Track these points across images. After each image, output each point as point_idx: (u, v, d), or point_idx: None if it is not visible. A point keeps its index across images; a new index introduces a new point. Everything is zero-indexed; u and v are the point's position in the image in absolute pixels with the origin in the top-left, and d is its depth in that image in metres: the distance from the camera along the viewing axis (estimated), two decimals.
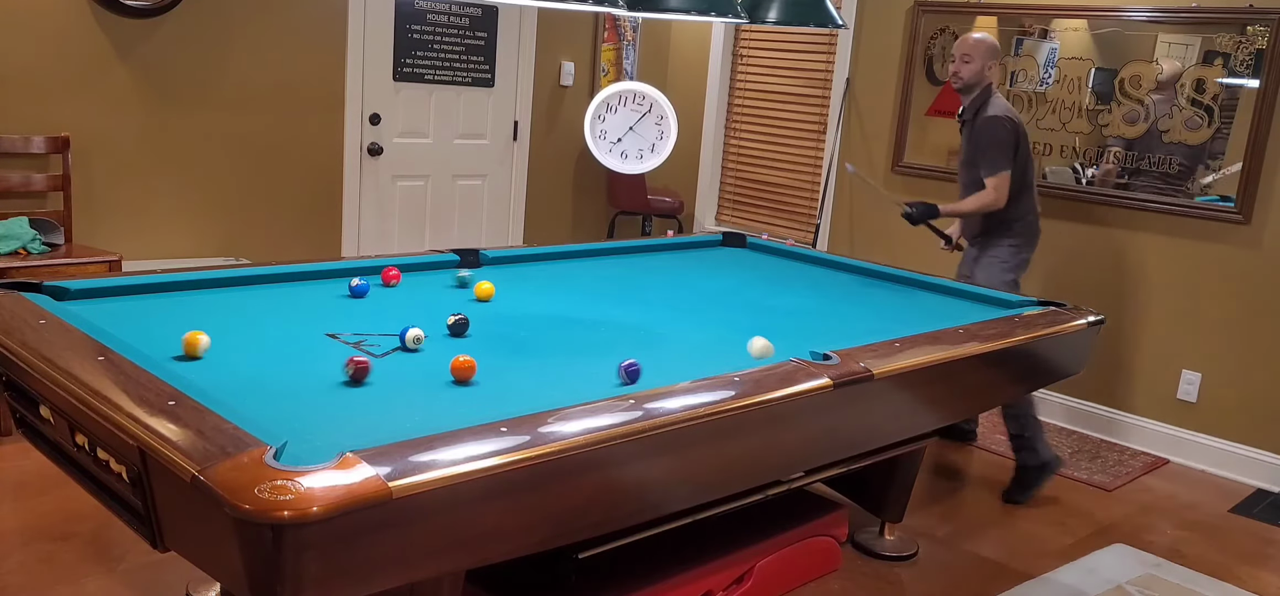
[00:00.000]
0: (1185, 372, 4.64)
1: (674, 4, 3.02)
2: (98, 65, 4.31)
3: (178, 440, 1.66)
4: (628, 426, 1.96)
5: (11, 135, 4.12)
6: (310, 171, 5.07)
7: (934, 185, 5.34)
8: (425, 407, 2.02)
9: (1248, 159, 4.38)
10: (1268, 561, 3.72)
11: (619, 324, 2.86)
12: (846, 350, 2.55)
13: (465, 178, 5.75)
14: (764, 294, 3.41)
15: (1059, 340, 3.17)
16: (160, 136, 4.54)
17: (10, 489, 3.38)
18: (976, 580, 3.38)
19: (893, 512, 3.49)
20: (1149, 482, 4.39)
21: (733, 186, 6.46)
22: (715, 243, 4.27)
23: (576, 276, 3.44)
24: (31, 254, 3.91)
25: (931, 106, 5.33)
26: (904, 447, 3.21)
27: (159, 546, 1.78)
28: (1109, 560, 3.58)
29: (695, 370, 2.34)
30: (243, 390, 2.01)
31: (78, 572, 2.91)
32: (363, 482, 1.57)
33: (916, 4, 5.30)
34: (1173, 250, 4.63)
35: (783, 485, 2.86)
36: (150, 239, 4.57)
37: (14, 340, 2.12)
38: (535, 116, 5.93)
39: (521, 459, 1.78)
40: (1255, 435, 4.47)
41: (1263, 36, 4.33)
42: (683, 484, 2.24)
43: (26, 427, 2.21)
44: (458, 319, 2.59)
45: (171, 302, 2.63)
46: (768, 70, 6.18)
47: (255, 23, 4.72)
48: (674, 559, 2.78)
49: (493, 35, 5.66)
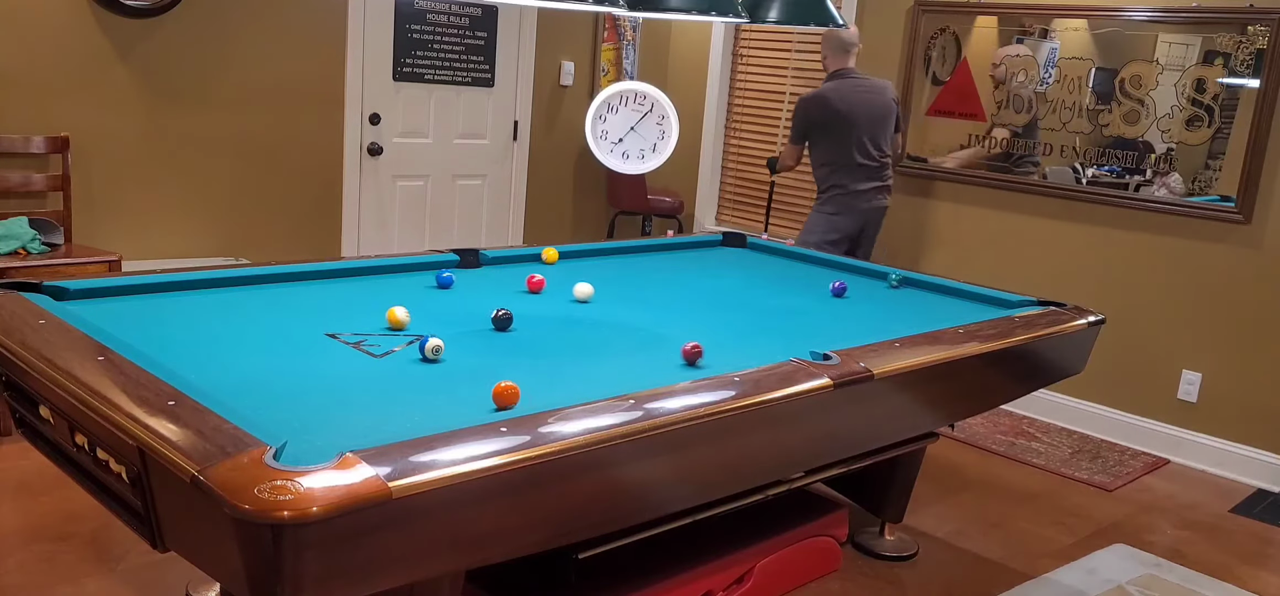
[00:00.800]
0: (1185, 372, 4.64)
1: (674, 4, 3.02)
2: (98, 65, 4.31)
3: (178, 440, 1.66)
4: (628, 426, 1.96)
5: (11, 135, 4.12)
6: (310, 171, 5.07)
7: (934, 184, 5.34)
8: (425, 408, 2.02)
9: (1248, 159, 4.38)
10: (1268, 561, 3.72)
11: (619, 324, 2.86)
12: (846, 350, 2.55)
13: (465, 177, 5.75)
14: (764, 294, 3.41)
15: (1059, 340, 3.17)
16: (160, 136, 4.54)
17: (10, 489, 3.38)
18: (976, 580, 3.38)
19: (893, 512, 3.49)
20: (1149, 482, 4.39)
21: (733, 186, 6.46)
22: (715, 242, 4.27)
23: (576, 276, 3.43)
24: (31, 254, 3.91)
25: (931, 106, 5.33)
26: (904, 447, 3.22)
27: (159, 546, 1.78)
28: (1109, 560, 3.58)
29: (695, 370, 2.34)
30: (243, 390, 2.01)
31: (78, 572, 2.91)
32: (363, 482, 1.57)
33: (916, 4, 5.30)
34: (1173, 250, 4.63)
35: (783, 485, 2.86)
36: (150, 239, 4.57)
37: (14, 340, 2.12)
38: (535, 116, 5.93)
39: (521, 459, 1.78)
40: (1255, 435, 4.47)
41: (1263, 36, 4.33)
42: (683, 484, 2.24)
43: (26, 427, 2.21)
44: (502, 313, 2.62)
45: (171, 302, 2.63)
46: (768, 70, 6.18)
47: (255, 23, 4.72)
48: (674, 559, 2.78)
49: (493, 35, 5.66)
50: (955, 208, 5.27)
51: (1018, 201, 5.07)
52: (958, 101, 5.24)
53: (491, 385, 2.05)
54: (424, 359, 2.34)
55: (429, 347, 2.33)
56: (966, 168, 5.21)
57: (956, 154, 5.24)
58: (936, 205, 5.35)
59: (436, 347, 2.34)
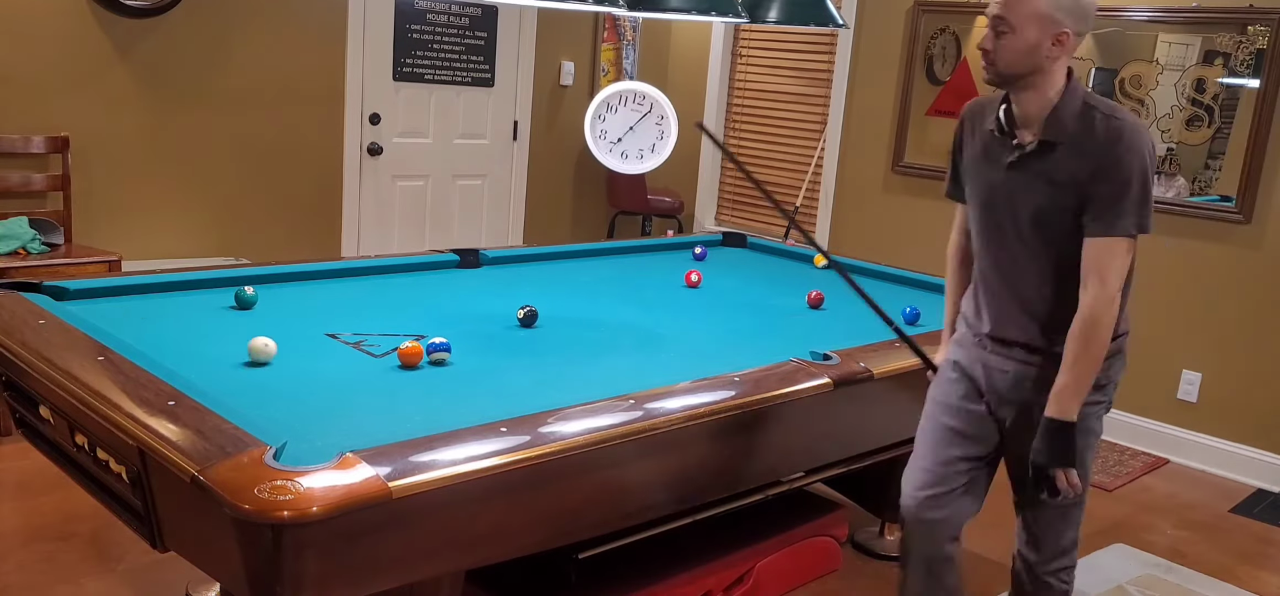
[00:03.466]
0: (1185, 372, 4.63)
1: (674, 4, 3.03)
2: (98, 65, 4.31)
3: (178, 440, 1.66)
4: (628, 426, 1.96)
5: (11, 135, 4.12)
6: (310, 171, 5.07)
7: (934, 185, 5.34)
8: (425, 408, 2.02)
9: (1248, 159, 4.38)
10: (1268, 561, 3.72)
11: (619, 324, 2.86)
12: (846, 350, 2.55)
13: (465, 177, 5.75)
14: (764, 294, 3.41)
15: None
16: (160, 136, 4.54)
17: (10, 489, 3.38)
18: (976, 580, 3.37)
19: (893, 513, 3.48)
20: (1149, 482, 4.39)
21: (733, 186, 6.46)
22: (715, 242, 4.27)
23: (576, 276, 3.44)
24: (31, 254, 3.91)
25: (932, 106, 5.33)
26: (904, 447, 3.21)
27: (159, 546, 1.78)
28: (1109, 560, 3.58)
29: (695, 370, 2.34)
30: (243, 390, 2.01)
31: (78, 572, 2.91)
32: (363, 482, 1.57)
33: (916, 4, 5.30)
34: (1173, 250, 4.63)
35: (783, 485, 2.86)
36: (150, 239, 4.56)
37: (14, 340, 2.12)
38: (535, 116, 5.93)
39: (521, 459, 1.78)
40: (1255, 435, 4.47)
41: (1263, 36, 4.32)
42: (683, 483, 2.24)
43: (26, 427, 2.21)
44: (527, 310, 2.68)
45: (171, 302, 2.63)
46: (768, 70, 6.18)
47: (255, 23, 4.72)
48: (674, 559, 2.78)
49: (493, 35, 5.66)
50: (955, 207, 5.26)
51: None
52: (958, 102, 5.24)
53: (492, 386, 2.06)
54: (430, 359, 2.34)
55: (434, 357, 2.31)
56: None
57: None
58: (937, 205, 5.35)
59: (440, 360, 2.32)
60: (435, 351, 2.31)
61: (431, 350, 2.31)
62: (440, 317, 2.72)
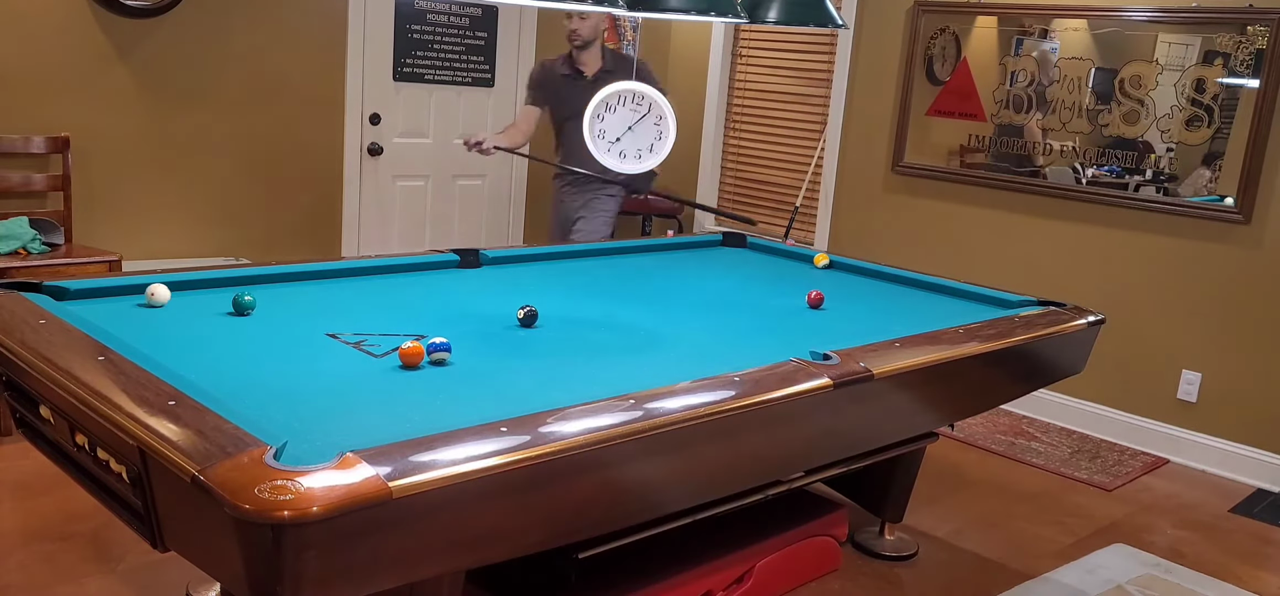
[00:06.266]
0: (1185, 372, 4.64)
1: (674, 4, 3.03)
2: (98, 65, 4.31)
3: (178, 440, 1.66)
4: (628, 426, 1.96)
5: (11, 135, 4.12)
6: (310, 171, 5.07)
7: (935, 185, 5.34)
8: (425, 407, 2.02)
9: (1248, 159, 4.38)
10: (1268, 561, 3.72)
11: (619, 324, 2.86)
12: (846, 350, 2.55)
13: (465, 178, 5.75)
14: (764, 294, 3.41)
15: (1059, 340, 3.17)
16: (160, 136, 4.54)
17: (10, 489, 3.38)
18: (976, 580, 3.38)
19: (893, 512, 3.50)
20: (1149, 482, 4.39)
21: (733, 186, 6.46)
22: (715, 242, 4.27)
23: (577, 276, 3.44)
24: (31, 254, 3.91)
25: (932, 106, 5.33)
26: (904, 447, 3.22)
27: (159, 546, 1.78)
28: (1109, 560, 3.58)
29: (695, 370, 2.33)
30: (243, 390, 2.01)
31: (78, 572, 2.91)
32: (363, 482, 1.57)
33: (916, 4, 5.30)
34: (1173, 250, 4.63)
35: (783, 485, 2.86)
36: (150, 239, 4.57)
37: (14, 340, 2.12)
38: None
39: (521, 459, 1.78)
40: (1255, 435, 4.47)
41: (1263, 36, 4.33)
42: (683, 484, 2.24)
43: (26, 427, 2.21)
44: (527, 310, 2.68)
45: (172, 302, 2.63)
46: (768, 70, 6.18)
47: (255, 23, 4.72)
48: (674, 559, 2.78)
49: (493, 35, 5.66)
50: (955, 207, 5.27)
51: (1017, 201, 5.07)
52: (958, 102, 5.24)
53: (492, 386, 2.05)
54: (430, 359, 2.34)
55: (436, 357, 2.32)
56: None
57: (955, 154, 5.24)
58: (936, 205, 5.35)
59: (439, 360, 2.31)
60: (436, 351, 2.30)
61: (432, 350, 2.31)
62: (440, 318, 2.72)
